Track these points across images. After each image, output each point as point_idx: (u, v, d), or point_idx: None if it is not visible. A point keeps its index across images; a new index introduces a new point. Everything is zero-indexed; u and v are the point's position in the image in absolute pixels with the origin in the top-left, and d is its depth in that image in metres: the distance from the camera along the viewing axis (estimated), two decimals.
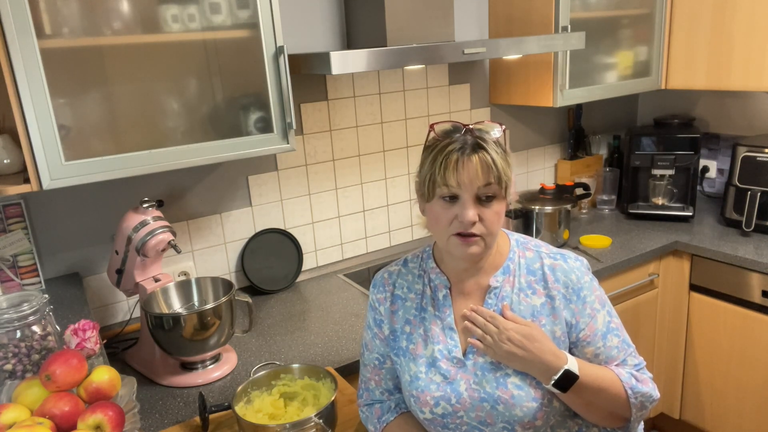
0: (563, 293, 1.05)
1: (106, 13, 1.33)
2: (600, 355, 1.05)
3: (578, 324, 1.04)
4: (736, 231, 2.27)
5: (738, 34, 2.15)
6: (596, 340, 1.05)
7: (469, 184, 0.96)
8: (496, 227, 1.00)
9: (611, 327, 1.07)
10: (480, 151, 0.97)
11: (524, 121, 2.56)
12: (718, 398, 2.25)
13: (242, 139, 1.56)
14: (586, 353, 1.05)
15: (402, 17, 1.79)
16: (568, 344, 1.06)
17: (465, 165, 0.96)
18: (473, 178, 0.96)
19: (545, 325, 1.04)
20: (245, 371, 1.52)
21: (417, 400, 1.07)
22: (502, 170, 0.97)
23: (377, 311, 1.16)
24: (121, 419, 1.03)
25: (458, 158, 0.96)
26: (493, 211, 0.98)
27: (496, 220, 0.99)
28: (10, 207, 1.60)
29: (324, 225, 2.14)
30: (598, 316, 1.05)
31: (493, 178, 0.96)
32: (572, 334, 1.05)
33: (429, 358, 1.08)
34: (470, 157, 0.96)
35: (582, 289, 1.05)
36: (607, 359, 1.05)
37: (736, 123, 2.60)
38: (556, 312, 1.05)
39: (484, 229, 0.99)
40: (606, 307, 1.08)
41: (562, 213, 2.22)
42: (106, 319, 1.82)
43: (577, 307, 1.04)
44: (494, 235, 1.01)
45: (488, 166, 0.96)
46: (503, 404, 1.01)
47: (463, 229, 0.98)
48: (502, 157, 0.98)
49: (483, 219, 0.98)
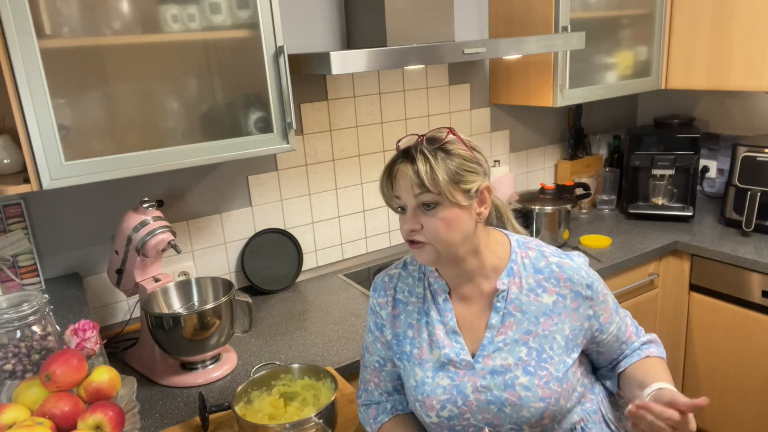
0: (577, 291, 1.06)
1: (106, 13, 1.33)
2: (621, 327, 1.13)
3: (596, 313, 1.08)
4: (736, 231, 2.27)
5: (738, 34, 2.15)
6: (614, 317, 1.12)
7: (405, 194, 0.99)
8: (443, 234, 0.98)
9: (616, 302, 1.15)
10: (406, 162, 0.98)
11: (524, 121, 2.56)
12: (718, 398, 2.25)
13: (242, 139, 1.56)
14: (612, 331, 1.11)
15: (402, 17, 1.79)
16: (579, 340, 1.07)
17: (396, 177, 1.00)
18: (404, 188, 0.98)
19: (556, 324, 1.04)
20: (245, 371, 1.52)
21: (423, 405, 1.07)
22: (429, 179, 0.95)
23: (378, 315, 1.15)
24: (121, 419, 1.03)
25: (389, 171, 1.00)
26: (438, 218, 0.98)
27: (441, 227, 0.98)
28: (10, 207, 1.60)
29: (324, 225, 2.14)
30: (608, 298, 1.12)
31: (418, 187, 0.96)
32: (593, 323, 1.08)
33: (436, 362, 1.07)
34: (399, 168, 0.99)
35: (593, 282, 1.08)
36: (625, 329, 1.15)
37: (736, 123, 2.60)
38: (567, 311, 1.05)
39: (428, 236, 0.99)
40: (607, 288, 1.14)
41: (562, 213, 2.22)
42: (106, 319, 1.82)
43: (593, 300, 1.07)
44: (445, 242, 0.99)
45: (410, 176, 0.97)
46: (510, 406, 1.02)
47: (407, 236, 1.02)
48: (434, 164, 0.96)
49: (425, 227, 0.99)
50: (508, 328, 1.05)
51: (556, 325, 1.04)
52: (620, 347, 1.14)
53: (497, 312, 1.05)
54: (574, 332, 1.06)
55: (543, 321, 1.04)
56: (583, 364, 1.13)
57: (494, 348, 1.05)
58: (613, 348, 1.14)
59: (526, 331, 1.04)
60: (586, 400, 1.11)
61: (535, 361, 1.03)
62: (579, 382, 1.09)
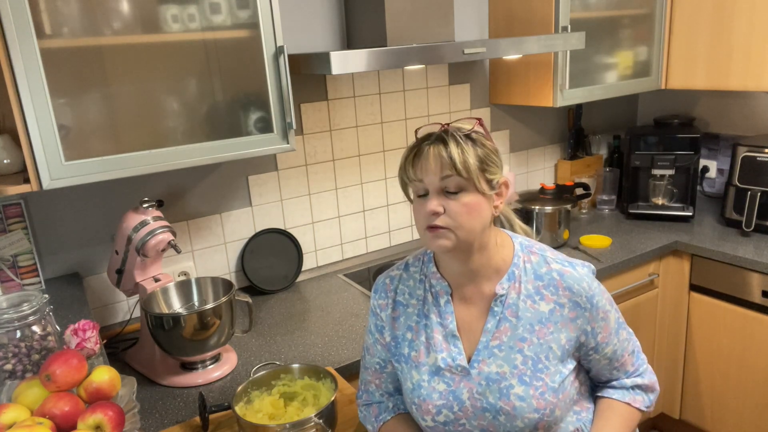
0: (576, 301, 1.03)
1: (106, 13, 1.33)
2: (617, 351, 1.09)
3: (594, 329, 1.05)
4: (736, 231, 2.27)
5: (738, 34, 2.15)
6: (612, 339, 1.08)
7: (431, 177, 0.97)
8: (465, 219, 0.98)
9: (620, 322, 1.10)
10: (437, 144, 0.97)
11: (524, 121, 2.56)
12: (718, 398, 2.25)
13: (242, 139, 1.56)
14: (606, 352, 1.08)
15: (402, 17, 1.80)
16: (573, 352, 1.05)
17: (422, 158, 0.98)
18: (432, 170, 0.97)
19: (552, 333, 1.03)
20: (245, 371, 1.52)
21: (419, 408, 1.07)
22: (461, 162, 0.95)
23: (378, 317, 1.15)
24: (121, 419, 1.03)
25: (417, 152, 0.99)
26: (461, 203, 0.97)
27: (464, 212, 0.97)
28: (10, 207, 1.60)
29: (324, 225, 2.14)
30: (610, 316, 1.07)
31: (450, 170, 0.96)
32: (590, 339, 1.05)
33: (432, 366, 1.06)
34: (427, 150, 0.98)
35: (594, 296, 1.04)
36: (622, 352, 1.10)
37: (736, 123, 2.60)
38: (564, 320, 1.03)
39: (451, 221, 0.97)
40: (613, 305, 1.10)
41: (562, 213, 2.22)
42: (106, 319, 1.82)
43: (592, 314, 1.04)
44: (466, 228, 0.98)
45: (443, 157, 0.96)
46: (505, 415, 1.01)
47: (427, 221, 0.99)
48: (466, 149, 0.96)
49: (448, 211, 0.97)
50: (503, 333, 1.04)
51: (552, 334, 1.03)
52: (611, 372, 1.11)
53: (494, 316, 1.04)
54: (571, 342, 1.04)
55: (538, 329, 1.03)
56: (581, 372, 1.12)
57: (489, 353, 1.04)
58: (602, 370, 1.11)
59: (520, 338, 1.03)
60: (582, 409, 1.10)
61: (530, 371, 1.01)
62: (576, 391, 1.09)
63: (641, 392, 1.13)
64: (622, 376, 1.12)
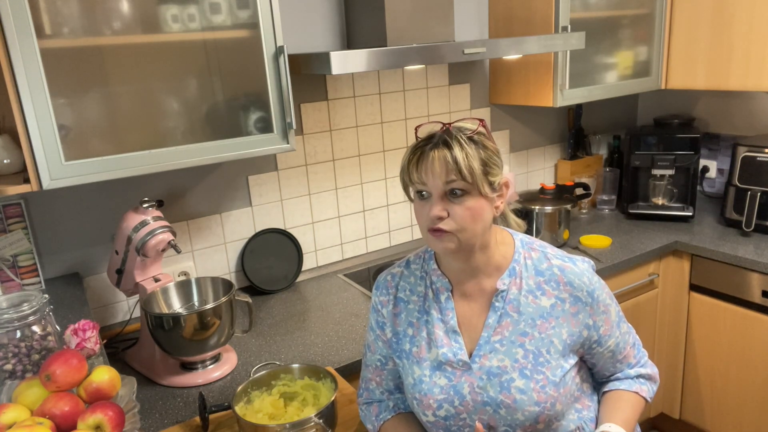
0: (577, 296, 1.04)
1: (106, 13, 1.33)
2: (619, 343, 1.11)
3: (596, 323, 1.06)
4: (736, 231, 2.27)
5: (738, 34, 2.15)
6: (614, 331, 1.10)
7: (435, 181, 0.97)
8: (468, 223, 0.98)
9: (620, 315, 1.12)
10: (441, 147, 0.97)
11: (524, 121, 2.56)
12: (718, 398, 2.25)
13: (242, 139, 1.56)
14: (609, 345, 1.09)
15: (402, 17, 1.80)
16: (576, 347, 1.06)
17: (426, 161, 0.97)
18: (436, 174, 0.96)
19: (554, 327, 1.04)
20: (245, 371, 1.52)
21: (420, 403, 1.07)
22: (466, 167, 0.95)
23: (380, 313, 1.15)
24: (121, 419, 1.03)
25: (420, 155, 0.98)
26: (464, 207, 0.97)
27: (467, 216, 0.97)
28: (10, 207, 1.60)
29: (324, 225, 2.14)
30: (611, 309, 1.09)
31: (454, 174, 0.96)
32: (593, 333, 1.06)
33: (433, 361, 1.07)
34: (431, 153, 0.97)
35: (595, 290, 1.05)
36: (624, 344, 1.12)
37: (736, 123, 2.60)
38: (566, 315, 1.04)
39: (455, 225, 0.98)
40: (613, 299, 1.11)
41: (562, 213, 2.22)
42: (106, 319, 1.82)
43: (593, 308, 1.05)
44: (469, 231, 0.99)
45: (447, 162, 0.96)
46: (505, 408, 1.01)
47: (431, 224, 0.99)
48: (470, 153, 0.96)
49: (452, 215, 0.98)
50: (505, 328, 1.05)
51: (553, 329, 1.04)
52: (614, 365, 1.13)
53: (495, 311, 1.05)
54: (573, 337, 1.05)
55: (540, 324, 1.04)
56: (582, 369, 1.12)
57: (490, 348, 1.05)
58: (606, 364, 1.12)
59: (521, 333, 1.04)
60: (584, 407, 1.11)
61: (531, 364, 1.02)
62: (578, 387, 1.09)
63: (645, 381, 1.15)
64: (626, 368, 1.14)
